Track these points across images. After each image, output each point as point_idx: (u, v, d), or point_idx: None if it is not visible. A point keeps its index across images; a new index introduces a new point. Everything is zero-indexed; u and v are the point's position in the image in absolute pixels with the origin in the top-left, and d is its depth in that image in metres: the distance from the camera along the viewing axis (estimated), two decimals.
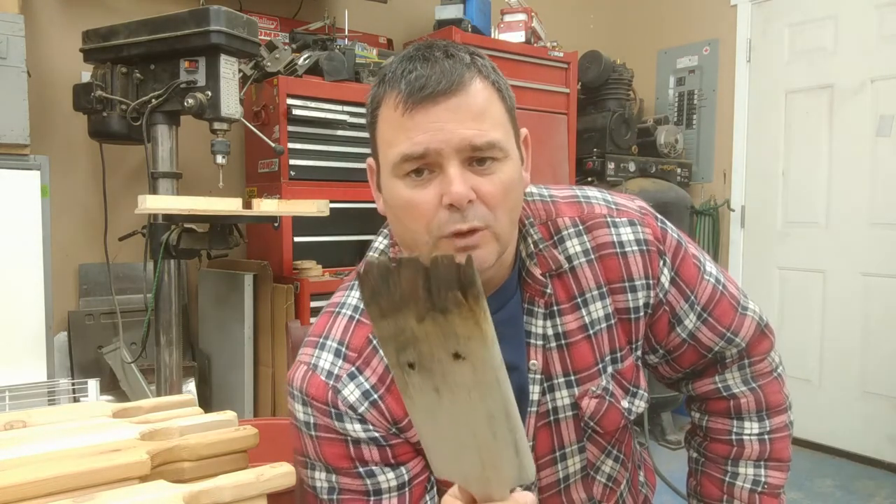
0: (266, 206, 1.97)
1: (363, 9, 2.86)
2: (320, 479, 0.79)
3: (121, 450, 0.76)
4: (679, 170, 3.50)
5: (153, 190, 1.98)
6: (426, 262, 0.46)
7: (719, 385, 0.93)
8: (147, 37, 1.85)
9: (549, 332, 0.81)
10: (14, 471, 0.70)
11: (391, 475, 0.77)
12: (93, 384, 1.83)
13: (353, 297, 0.83)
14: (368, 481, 0.77)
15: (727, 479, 0.94)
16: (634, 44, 3.95)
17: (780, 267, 3.36)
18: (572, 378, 0.82)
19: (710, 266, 0.91)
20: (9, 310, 1.84)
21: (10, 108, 1.80)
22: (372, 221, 2.47)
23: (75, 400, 1.84)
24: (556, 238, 0.83)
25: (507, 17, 3.03)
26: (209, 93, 1.85)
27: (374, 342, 0.78)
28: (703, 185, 3.64)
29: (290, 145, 2.29)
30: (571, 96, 3.14)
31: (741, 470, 0.93)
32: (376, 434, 0.76)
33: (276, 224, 2.11)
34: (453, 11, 2.81)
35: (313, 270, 2.27)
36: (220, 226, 1.98)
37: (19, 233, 1.85)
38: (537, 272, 0.81)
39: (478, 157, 0.71)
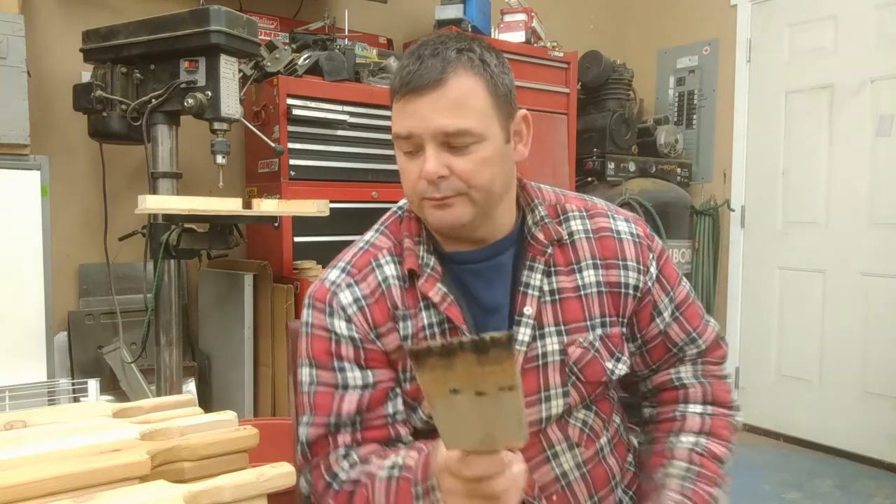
0: (266, 206, 1.97)
1: (363, 9, 2.86)
2: (304, 373, 0.93)
3: (121, 450, 0.76)
4: (679, 170, 3.50)
5: (153, 190, 1.98)
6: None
7: (672, 376, 1.02)
8: (147, 37, 1.85)
9: (546, 287, 0.94)
10: (14, 471, 0.70)
11: (358, 374, 0.90)
12: (93, 384, 1.84)
13: (371, 234, 1.01)
14: (339, 375, 0.90)
15: (667, 446, 0.99)
16: (634, 44, 3.95)
17: (780, 267, 3.36)
18: (562, 328, 0.93)
19: (684, 280, 1.04)
20: (9, 310, 1.84)
21: (10, 108, 1.80)
22: (372, 221, 2.46)
23: (75, 400, 1.84)
24: (561, 217, 0.98)
25: (507, 17, 3.03)
26: (209, 93, 1.85)
27: (373, 264, 0.96)
28: (703, 185, 3.64)
29: (290, 145, 2.29)
30: (571, 96, 3.14)
31: (682, 438, 0.98)
32: (355, 335, 0.91)
33: (276, 224, 2.11)
34: (453, 11, 2.81)
35: (313, 270, 2.27)
36: (220, 226, 1.98)
37: (19, 233, 1.85)
38: (541, 236, 0.95)
39: (452, 141, 0.85)
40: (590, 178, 3.36)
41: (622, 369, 0.96)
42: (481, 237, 0.94)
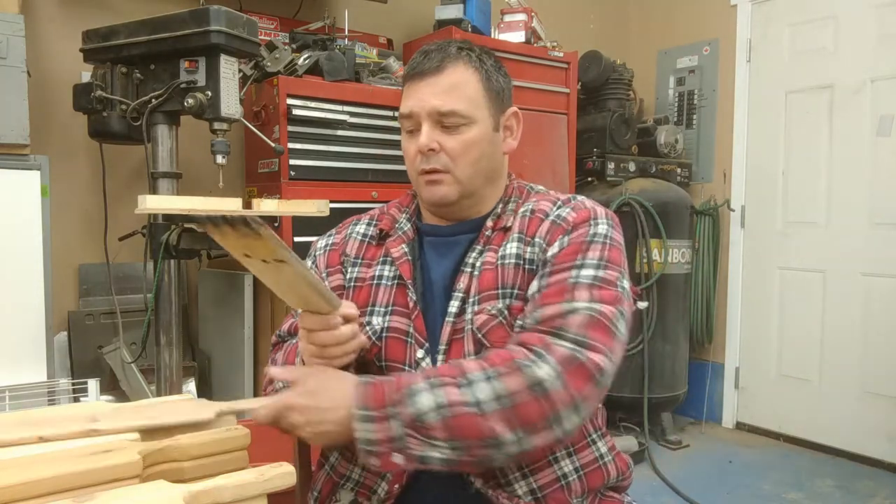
0: (266, 206, 1.96)
1: (363, 9, 2.86)
2: None
3: (112, 450, 0.77)
4: (679, 170, 3.50)
5: (153, 190, 1.98)
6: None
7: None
8: (147, 37, 1.86)
9: (477, 262, 1.02)
10: (14, 471, 0.70)
11: None
12: (93, 384, 1.84)
13: (369, 213, 1.19)
14: None
15: None
16: (634, 44, 3.95)
17: (780, 267, 3.36)
18: (477, 297, 1.00)
19: (589, 272, 0.94)
20: (9, 310, 1.84)
21: (10, 108, 1.80)
22: None
23: (75, 400, 1.84)
24: (521, 208, 1.07)
25: (507, 17, 3.03)
26: (209, 93, 1.85)
27: (353, 223, 1.17)
28: (703, 185, 3.64)
29: (290, 145, 2.29)
30: (571, 96, 3.14)
31: None
32: (315, 271, 1.12)
33: (276, 224, 2.11)
34: (453, 11, 2.81)
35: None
36: None
37: (19, 233, 1.85)
38: (490, 224, 1.05)
39: (444, 121, 0.99)
40: (590, 178, 3.36)
41: None
42: (465, 217, 1.06)
